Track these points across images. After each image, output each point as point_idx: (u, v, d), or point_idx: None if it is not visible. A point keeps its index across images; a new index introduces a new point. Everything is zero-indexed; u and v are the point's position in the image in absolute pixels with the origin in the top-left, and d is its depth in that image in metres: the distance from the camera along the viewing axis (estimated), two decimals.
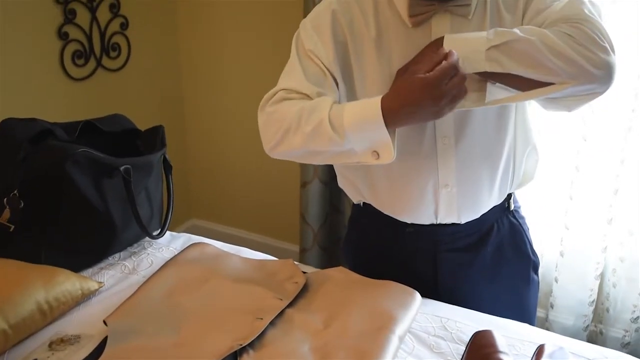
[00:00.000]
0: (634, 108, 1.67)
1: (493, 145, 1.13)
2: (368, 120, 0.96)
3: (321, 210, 2.21)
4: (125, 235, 1.34)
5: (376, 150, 0.98)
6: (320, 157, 1.06)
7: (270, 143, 1.07)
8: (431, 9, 1.04)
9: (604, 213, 1.80)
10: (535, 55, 0.94)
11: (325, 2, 1.12)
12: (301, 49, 1.09)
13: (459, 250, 1.23)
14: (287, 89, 1.07)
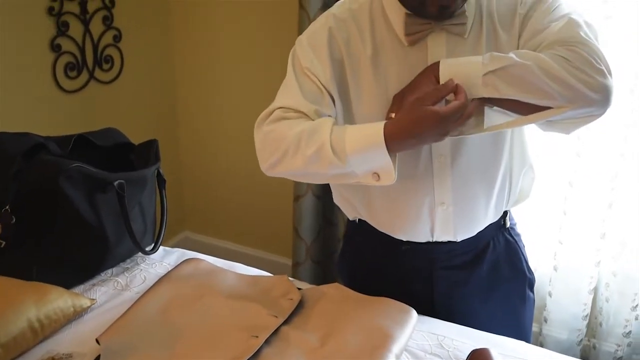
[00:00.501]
0: (627, 124, 1.68)
1: (489, 163, 1.13)
2: (370, 146, 0.97)
3: (314, 224, 2.20)
4: (118, 250, 1.33)
5: (377, 173, 0.99)
6: (319, 178, 1.06)
7: (268, 162, 1.07)
8: (427, 27, 1.04)
9: (597, 228, 1.80)
10: (532, 80, 0.94)
11: (321, 19, 1.11)
12: (298, 67, 1.09)
13: (455, 268, 1.23)
14: (284, 107, 1.06)
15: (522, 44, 1.04)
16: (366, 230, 1.25)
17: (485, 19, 1.06)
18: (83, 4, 2.01)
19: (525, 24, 1.04)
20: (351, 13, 1.09)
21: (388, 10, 1.07)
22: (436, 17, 1.01)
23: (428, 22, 1.03)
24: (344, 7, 1.10)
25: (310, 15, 1.92)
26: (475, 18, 1.05)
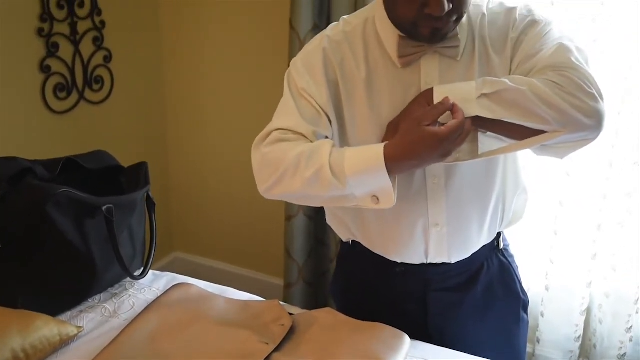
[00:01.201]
0: (614, 144, 1.69)
1: (483, 184, 1.14)
2: (370, 168, 0.97)
3: (306, 245, 2.19)
4: (106, 276, 1.31)
5: (376, 196, 0.98)
6: (318, 200, 1.06)
7: (266, 184, 1.06)
8: (420, 49, 1.04)
9: (588, 248, 1.81)
10: (526, 105, 0.95)
11: (315, 41, 1.12)
12: (294, 88, 1.09)
13: (449, 290, 1.22)
14: (282, 128, 1.06)
15: (515, 68, 1.05)
16: (359, 251, 1.24)
17: (477, 42, 1.06)
18: (73, 25, 2.01)
19: (517, 48, 1.05)
20: (345, 35, 1.09)
21: (381, 33, 1.08)
22: (429, 39, 1.02)
23: (421, 45, 1.04)
24: (338, 30, 1.11)
25: (300, 36, 1.92)
26: (468, 41, 1.06)
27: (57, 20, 1.95)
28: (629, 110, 1.68)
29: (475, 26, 1.07)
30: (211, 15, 2.30)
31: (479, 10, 1.08)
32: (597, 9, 1.64)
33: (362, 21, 1.11)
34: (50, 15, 1.92)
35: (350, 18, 1.14)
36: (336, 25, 1.13)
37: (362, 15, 1.12)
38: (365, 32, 1.09)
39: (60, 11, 1.96)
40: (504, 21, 1.07)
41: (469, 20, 1.07)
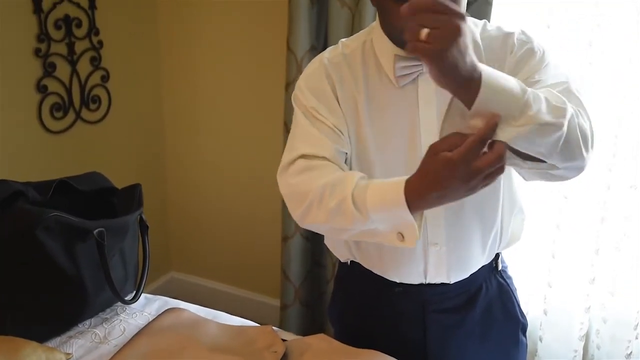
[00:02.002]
0: (611, 168, 1.69)
1: (482, 203, 1.13)
2: (390, 203, 0.93)
3: (302, 266, 2.17)
4: (97, 300, 1.29)
5: (400, 232, 0.95)
6: (347, 233, 1.03)
7: (296, 215, 1.06)
8: (417, 69, 1.05)
9: (586, 272, 1.79)
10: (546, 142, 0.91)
11: (315, 63, 1.13)
12: (305, 111, 1.09)
13: (448, 312, 1.21)
14: (305, 154, 1.05)
15: None
16: (357, 272, 1.24)
17: None
18: (71, 45, 2.01)
19: (514, 74, 1.05)
20: (344, 57, 1.11)
21: (378, 53, 1.09)
22: None
23: (418, 64, 1.04)
24: (337, 52, 1.13)
25: (297, 57, 1.93)
26: None
27: (55, 41, 1.95)
28: (626, 133, 1.68)
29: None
30: (209, 37, 2.31)
31: (472, 34, 1.08)
32: (593, 32, 1.64)
33: (360, 44, 1.12)
34: (48, 36, 1.93)
35: (348, 41, 1.15)
36: (335, 47, 1.15)
37: (359, 39, 1.14)
38: (364, 54, 1.11)
39: (57, 31, 1.96)
40: (501, 45, 1.08)
41: None
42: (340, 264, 1.33)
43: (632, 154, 1.68)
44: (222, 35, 2.29)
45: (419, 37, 0.79)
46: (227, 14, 2.25)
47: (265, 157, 2.31)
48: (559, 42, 1.69)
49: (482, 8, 1.71)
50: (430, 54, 0.80)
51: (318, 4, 1.91)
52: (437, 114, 1.07)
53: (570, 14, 1.68)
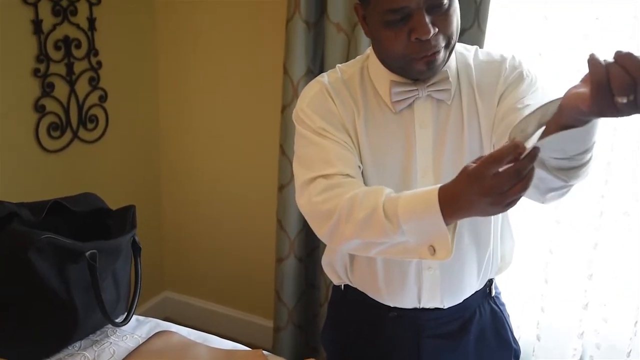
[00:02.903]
0: (604, 194, 1.70)
1: (476, 228, 1.14)
2: (423, 209, 0.90)
3: (296, 288, 2.16)
4: (88, 322, 1.28)
5: (432, 245, 0.92)
6: (376, 249, 0.99)
7: (323, 233, 1.04)
8: (413, 94, 1.07)
9: (579, 298, 1.79)
10: None
11: (315, 85, 1.14)
12: (313, 132, 1.09)
13: (442, 337, 1.21)
14: (326, 174, 1.04)
15: (500, 117, 1.06)
16: (352, 296, 1.24)
17: (464, 87, 1.10)
18: (69, 66, 2.03)
19: (504, 98, 1.08)
20: (343, 82, 1.13)
21: (374, 79, 1.11)
22: (425, 72, 1.03)
23: (413, 89, 1.06)
24: (336, 76, 1.14)
25: (293, 80, 1.95)
26: (457, 85, 1.10)
27: (54, 61, 1.98)
28: (619, 160, 1.69)
29: (462, 72, 1.10)
30: (207, 58, 2.33)
31: (465, 58, 1.12)
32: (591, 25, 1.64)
33: (358, 69, 1.14)
34: (47, 56, 1.95)
35: (345, 67, 1.17)
36: (334, 71, 1.16)
37: (357, 65, 1.16)
38: (362, 79, 1.13)
39: (57, 52, 1.98)
40: (493, 70, 1.10)
41: (456, 66, 1.10)
42: (335, 288, 1.33)
43: (625, 180, 1.70)
44: (219, 58, 2.31)
45: (617, 97, 0.69)
46: (224, 37, 2.28)
47: (260, 179, 2.32)
48: (556, 33, 1.68)
49: (475, 36, 1.74)
50: (616, 115, 0.72)
51: (315, 29, 1.94)
52: (432, 137, 1.09)
53: (568, 5, 1.66)
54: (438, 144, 1.09)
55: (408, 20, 0.97)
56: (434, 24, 0.97)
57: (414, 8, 0.96)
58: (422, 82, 1.07)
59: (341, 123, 1.09)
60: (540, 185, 0.94)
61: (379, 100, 1.11)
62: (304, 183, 1.06)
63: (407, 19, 0.97)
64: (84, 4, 2.04)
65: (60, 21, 1.97)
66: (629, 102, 0.68)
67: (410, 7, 0.96)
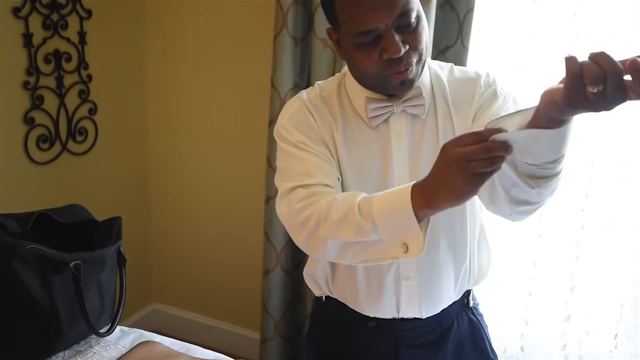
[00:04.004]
0: (584, 208, 1.73)
1: (451, 237, 1.17)
2: (396, 204, 0.93)
3: (283, 300, 2.18)
4: (71, 332, 1.29)
5: (405, 242, 0.94)
6: (352, 251, 1.01)
7: (300, 240, 1.06)
8: (388, 109, 1.10)
9: (562, 310, 1.81)
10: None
11: (295, 102, 1.17)
12: (293, 146, 1.12)
13: (420, 347, 1.23)
14: (305, 184, 1.06)
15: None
16: (333, 307, 1.26)
17: (439, 102, 1.13)
18: (59, 79, 2.06)
19: (479, 115, 1.12)
20: (322, 99, 1.16)
21: (351, 96, 1.15)
22: (400, 88, 1.06)
23: (389, 104, 1.10)
24: (315, 93, 1.18)
25: (281, 95, 1.98)
26: (431, 101, 1.13)
27: (44, 74, 2.00)
28: (599, 174, 1.72)
29: (436, 88, 1.14)
30: (196, 72, 2.36)
31: (439, 75, 1.16)
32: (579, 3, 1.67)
33: (336, 86, 1.18)
34: (37, 69, 1.97)
35: (324, 84, 1.21)
36: (312, 89, 1.20)
37: (334, 82, 1.20)
38: (340, 95, 1.16)
39: (47, 65, 2.00)
40: (468, 87, 1.14)
41: (430, 82, 1.14)
42: (316, 300, 1.35)
43: (605, 194, 1.73)
44: (208, 72, 2.34)
45: (588, 87, 0.73)
46: (213, 51, 2.31)
47: (248, 191, 2.34)
48: (537, 50, 1.72)
49: (459, 52, 1.78)
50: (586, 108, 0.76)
51: (302, 44, 1.97)
52: (408, 150, 1.12)
53: (549, 23, 1.70)
54: (414, 157, 1.12)
55: (379, 41, 1.00)
56: (404, 41, 1.00)
57: (383, 29, 0.99)
58: (396, 98, 1.10)
59: (320, 137, 1.12)
60: (511, 191, 0.96)
61: (356, 116, 1.14)
62: (284, 192, 1.09)
63: (378, 40, 1.00)
64: (74, 18, 2.07)
65: (51, 35, 2.00)
66: (599, 93, 0.72)
67: (380, 28, 0.99)
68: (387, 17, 0.97)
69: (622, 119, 1.66)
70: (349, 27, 1.01)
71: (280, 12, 1.90)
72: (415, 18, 1.01)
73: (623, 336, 1.77)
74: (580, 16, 1.67)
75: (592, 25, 1.67)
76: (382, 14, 0.97)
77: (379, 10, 0.97)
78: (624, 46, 1.63)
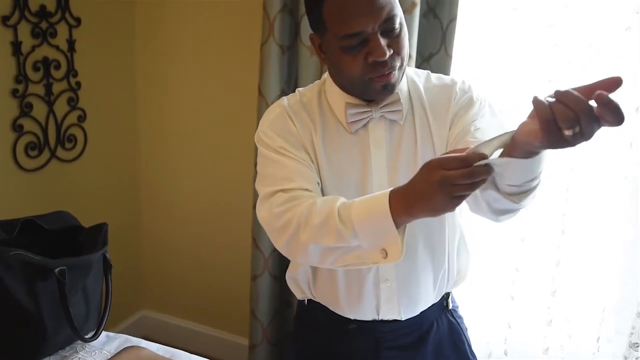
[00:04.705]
0: (565, 213, 1.76)
1: (431, 242, 1.19)
2: (375, 210, 0.95)
3: (271, 305, 2.19)
4: (56, 337, 1.31)
5: (384, 248, 0.96)
6: (333, 256, 1.03)
7: (281, 244, 1.08)
8: (367, 115, 1.13)
9: (544, 314, 1.84)
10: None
11: (275, 108, 1.20)
12: (274, 151, 1.14)
13: (400, 349, 1.26)
14: (285, 189, 1.08)
15: (452, 138, 1.13)
16: (314, 310, 1.29)
17: (417, 108, 1.16)
18: (48, 86, 2.07)
19: (456, 120, 1.15)
20: (302, 105, 1.19)
21: (331, 102, 1.18)
22: (381, 92, 1.09)
23: (368, 110, 1.12)
24: (295, 99, 1.20)
25: (268, 101, 2.00)
26: (409, 107, 1.16)
27: (32, 82, 2.01)
28: (578, 181, 1.75)
29: (413, 94, 1.17)
30: (185, 79, 2.38)
31: (416, 82, 1.19)
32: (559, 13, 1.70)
33: (316, 93, 1.20)
34: (26, 77, 1.98)
35: (304, 91, 1.23)
36: (293, 95, 1.22)
37: (315, 88, 1.22)
38: (320, 102, 1.19)
39: (36, 73, 2.02)
40: (444, 93, 1.17)
41: (408, 89, 1.17)
42: (299, 303, 1.37)
43: (584, 201, 1.76)
44: (197, 79, 2.36)
45: (565, 130, 0.75)
46: (203, 59, 2.33)
47: (236, 198, 2.36)
48: (518, 58, 1.75)
49: (442, 60, 1.81)
50: (566, 146, 0.78)
51: (289, 52, 2.00)
52: (386, 155, 1.15)
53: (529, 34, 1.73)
54: (392, 161, 1.15)
55: (365, 45, 1.04)
56: (389, 46, 1.04)
57: (370, 32, 1.02)
58: (375, 104, 1.13)
59: (300, 143, 1.15)
60: (494, 204, 1.01)
61: (335, 121, 1.17)
62: (265, 196, 1.12)
63: (364, 43, 1.04)
64: (63, 26, 2.09)
65: (40, 43, 2.01)
66: (576, 134, 0.74)
67: (367, 31, 1.02)
68: (374, 21, 1.01)
69: None
70: (336, 30, 1.04)
71: (267, 20, 1.92)
72: (399, 24, 1.05)
73: (604, 339, 1.79)
74: (559, 26, 1.71)
75: (569, 35, 1.70)
76: (370, 18, 1.01)
77: (366, 15, 1.00)
78: (603, 53, 1.67)
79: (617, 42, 1.65)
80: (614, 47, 1.66)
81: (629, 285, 1.75)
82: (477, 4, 1.81)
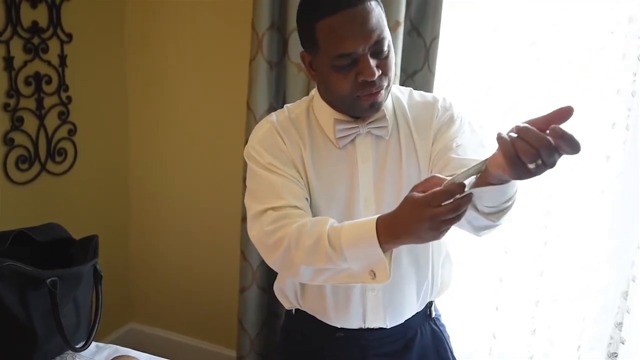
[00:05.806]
0: (547, 225, 1.81)
1: (415, 256, 1.24)
2: (363, 240, 1.00)
3: (259, 317, 2.21)
4: (47, 347, 1.32)
5: (373, 270, 1.02)
6: (324, 275, 1.08)
7: (272, 261, 1.12)
8: (354, 130, 1.17)
9: (527, 324, 1.88)
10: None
11: (264, 125, 1.23)
12: (263, 168, 1.17)
13: (386, 356, 1.29)
14: (275, 207, 1.12)
15: (435, 153, 1.19)
16: (302, 319, 1.32)
17: (401, 124, 1.21)
18: (40, 101, 2.09)
19: (438, 137, 1.20)
20: (290, 121, 1.22)
21: (319, 118, 1.22)
22: (368, 110, 1.14)
23: (355, 126, 1.17)
24: (284, 115, 1.24)
25: (256, 116, 2.04)
26: (394, 123, 1.21)
27: (24, 96, 2.03)
28: (559, 194, 1.80)
29: (398, 111, 1.22)
30: (176, 94, 2.42)
31: (400, 99, 1.24)
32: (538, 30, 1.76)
33: (305, 109, 1.24)
34: (17, 92, 2.01)
35: (292, 107, 1.27)
36: (282, 111, 1.26)
37: (303, 105, 1.26)
38: (308, 118, 1.23)
39: (27, 87, 2.04)
40: (427, 110, 1.23)
41: (392, 105, 1.22)
42: (286, 313, 1.40)
43: (566, 212, 1.81)
44: (187, 94, 2.40)
45: (528, 164, 0.81)
46: (193, 74, 2.37)
47: (224, 211, 2.38)
48: (505, 41, 1.80)
49: (425, 77, 1.86)
50: (532, 176, 0.84)
51: (277, 68, 2.04)
52: (373, 170, 1.19)
53: (511, 49, 1.80)
54: (378, 176, 1.19)
55: (355, 64, 1.09)
56: (377, 67, 1.09)
57: (361, 53, 1.07)
58: (362, 120, 1.17)
59: (289, 159, 1.18)
60: (474, 223, 1.07)
61: (323, 136, 1.21)
62: (255, 215, 1.15)
63: (354, 63, 1.09)
64: (55, 42, 2.12)
65: (32, 58, 2.04)
66: (539, 165, 0.81)
67: (358, 52, 1.07)
68: (365, 42, 1.06)
69: (578, 137, 1.75)
70: (328, 49, 1.09)
71: (256, 37, 1.97)
72: (387, 47, 1.10)
73: (586, 347, 1.84)
74: (539, 42, 1.77)
75: (550, 50, 1.76)
76: (361, 40, 1.06)
77: (358, 37, 1.06)
78: (584, 68, 1.72)
79: (593, 60, 1.72)
80: (592, 64, 1.72)
81: (607, 296, 1.80)
82: (459, 23, 1.87)
